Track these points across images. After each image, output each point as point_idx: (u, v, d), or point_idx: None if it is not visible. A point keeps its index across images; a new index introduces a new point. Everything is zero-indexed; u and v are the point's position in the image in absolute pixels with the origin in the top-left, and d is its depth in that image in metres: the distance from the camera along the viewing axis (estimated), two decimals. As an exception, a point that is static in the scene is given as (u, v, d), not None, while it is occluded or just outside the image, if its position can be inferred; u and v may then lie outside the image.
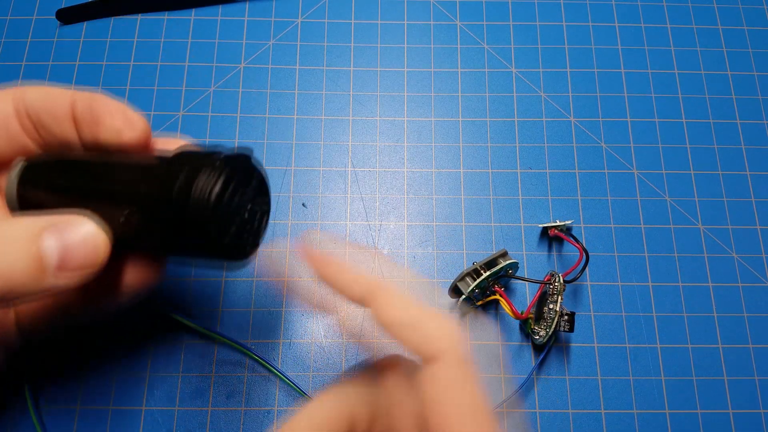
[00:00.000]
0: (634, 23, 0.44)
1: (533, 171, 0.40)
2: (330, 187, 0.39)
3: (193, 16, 0.43)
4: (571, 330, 0.33)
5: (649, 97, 0.42)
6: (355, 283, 0.23)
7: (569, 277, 0.35)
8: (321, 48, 0.43)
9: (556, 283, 0.34)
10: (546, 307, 0.34)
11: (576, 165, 0.40)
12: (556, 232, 0.37)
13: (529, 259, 0.38)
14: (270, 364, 0.34)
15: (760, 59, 0.43)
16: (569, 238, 0.36)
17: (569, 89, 0.42)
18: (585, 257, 0.34)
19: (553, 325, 0.33)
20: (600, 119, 0.41)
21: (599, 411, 0.35)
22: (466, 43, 0.43)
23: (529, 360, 0.36)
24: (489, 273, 0.34)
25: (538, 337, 0.34)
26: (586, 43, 0.43)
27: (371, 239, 0.38)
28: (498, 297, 0.34)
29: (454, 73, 0.42)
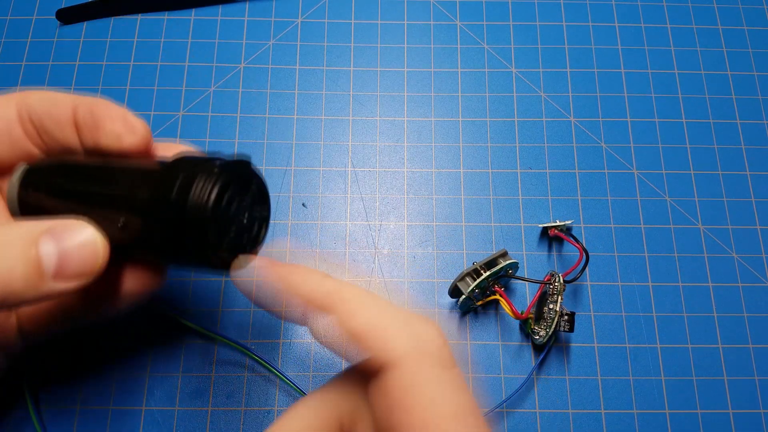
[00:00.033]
0: (634, 23, 0.44)
1: (533, 171, 0.40)
2: (330, 187, 0.39)
3: (193, 16, 0.43)
4: (571, 330, 0.33)
5: (649, 97, 0.42)
6: (317, 292, 0.21)
7: (569, 277, 0.35)
8: (321, 48, 0.43)
9: (556, 283, 0.34)
10: (546, 307, 0.34)
11: (576, 165, 0.40)
12: (556, 232, 0.37)
13: (529, 259, 0.38)
14: (270, 364, 0.34)
15: (760, 59, 0.43)
16: (569, 238, 0.36)
17: (569, 89, 0.42)
18: (585, 257, 0.34)
19: (553, 325, 0.33)
20: (600, 119, 0.41)
21: (599, 411, 0.35)
22: (466, 43, 0.43)
23: (529, 360, 0.36)
24: (489, 273, 0.34)
25: (538, 337, 0.34)
26: (586, 43, 0.43)
27: (371, 239, 0.38)
28: (498, 297, 0.34)
29: (454, 73, 0.42)
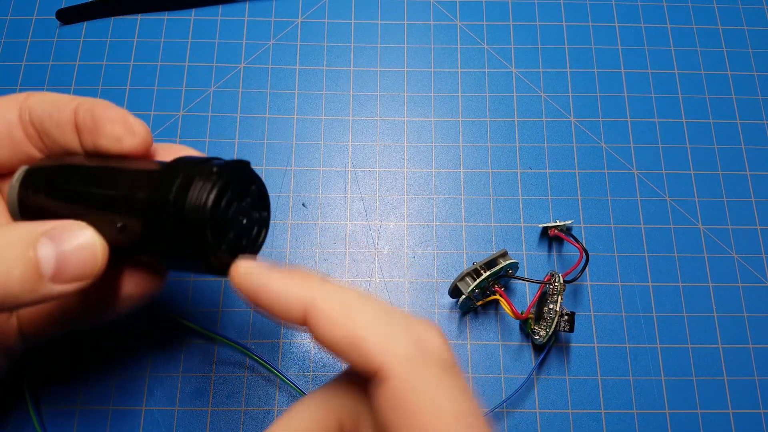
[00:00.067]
0: (634, 23, 0.44)
1: (533, 171, 0.40)
2: (330, 187, 0.39)
3: (193, 16, 0.43)
4: (571, 330, 0.33)
5: (649, 97, 0.42)
6: (292, 305, 0.20)
7: (569, 277, 0.35)
8: (321, 48, 0.43)
9: (556, 283, 0.34)
10: (546, 307, 0.34)
11: (576, 165, 0.40)
12: (556, 232, 0.37)
13: (529, 259, 0.38)
14: (270, 364, 0.34)
15: (760, 59, 0.43)
16: (569, 238, 0.36)
17: (569, 89, 0.42)
18: (585, 257, 0.34)
19: (553, 325, 0.33)
20: (600, 119, 0.41)
21: (599, 411, 0.35)
22: (466, 43, 0.43)
23: (529, 360, 0.36)
24: (489, 273, 0.34)
25: (538, 337, 0.34)
26: (586, 43, 0.43)
27: (371, 239, 0.38)
28: (498, 297, 0.34)
29: (454, 73, 0.42)
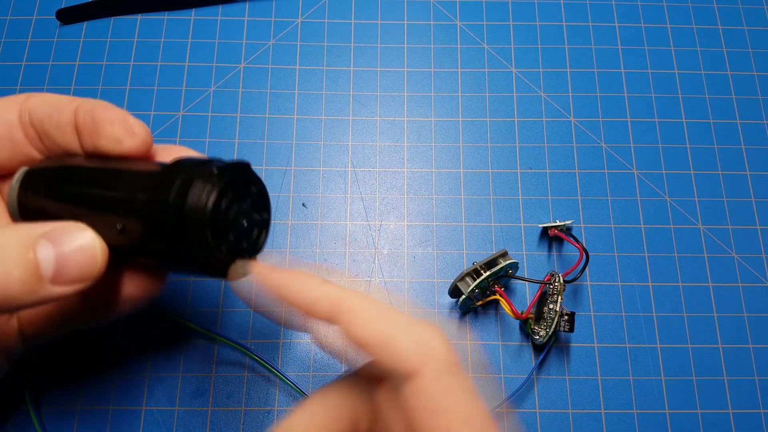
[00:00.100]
0: (634, 23, 0.44)
1: (533, 171, 0.40)
2: (330, 187, 0.39)
3: (193, 16, 0.43)
4: (571, 330, 0.33)
5: (649, 97, 0.42)
6: (320, 302, 0.21)
7: (569, 277, 0.35)
8: (321, 48, 0.43)
9: (556, 283, 0.34)
10: (546, 307, 0.34)
11: (576, 165, 0.40)
12: (556, 232, 0.37)
13: (529, 259, 0.38)
14: (270, 364, 0.34)
15: (760, 59, 0.43)
16: (569, 238, 0.36)
17: (569, 89, 0.42)
18: (585, 257, 0.34)
19: (553, 325, 0.33)
20: (600, 119, 0.41)
21: (599, 411, 0.35)
22: (466, 43, 0.43)
23: (529, 360, 0.36)
24: (489, 273, 0.34)
25: (538, 337, 0.34)
26: (586, 43, 0.43)
27: (371, 239, 0.38)
28: (498, 297, 0.34)
29: (454, 73, 0.42)
